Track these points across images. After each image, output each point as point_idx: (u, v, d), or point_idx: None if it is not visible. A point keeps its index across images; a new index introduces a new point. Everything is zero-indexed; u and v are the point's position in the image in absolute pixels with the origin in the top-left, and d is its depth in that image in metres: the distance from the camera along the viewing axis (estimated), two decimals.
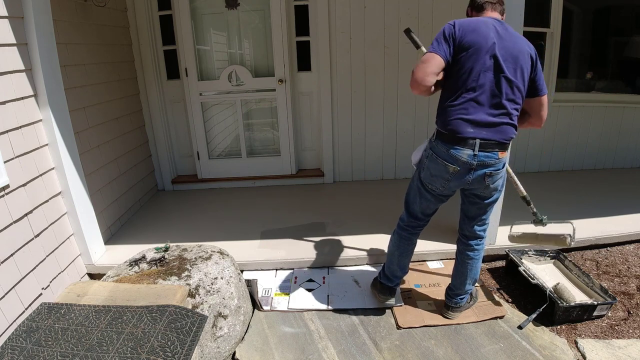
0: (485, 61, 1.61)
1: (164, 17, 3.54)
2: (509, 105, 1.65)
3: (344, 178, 3.98)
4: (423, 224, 2.02)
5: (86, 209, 2.48)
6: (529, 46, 1.68)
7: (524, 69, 1.65)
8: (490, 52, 1.61)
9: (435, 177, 1.77)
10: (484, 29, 1.63)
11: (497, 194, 1.83)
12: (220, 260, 2.13)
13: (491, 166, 1.68)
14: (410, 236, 2.04)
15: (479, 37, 1.61)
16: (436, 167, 1.74)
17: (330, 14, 3.46)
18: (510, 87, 1.64)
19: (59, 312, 1.76)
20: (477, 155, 1.64)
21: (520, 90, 1.67)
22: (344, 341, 2.00)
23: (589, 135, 3.94)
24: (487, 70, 1.62)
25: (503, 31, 1.66)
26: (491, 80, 1.62)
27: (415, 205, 1.94)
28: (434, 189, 1.82)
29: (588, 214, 2.95)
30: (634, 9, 4.00)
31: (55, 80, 2.24)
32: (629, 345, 1.91)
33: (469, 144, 1.64)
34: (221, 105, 3.89)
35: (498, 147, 1.66)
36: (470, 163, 1.66)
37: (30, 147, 2.10)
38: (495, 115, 1.65)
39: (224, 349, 1.90)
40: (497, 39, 1.62)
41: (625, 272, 2.47)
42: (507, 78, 1.62)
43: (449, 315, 2.10)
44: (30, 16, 2.03)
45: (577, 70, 4.11)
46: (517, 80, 1.64)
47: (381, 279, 2.18)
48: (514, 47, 1.64)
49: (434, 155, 1.74)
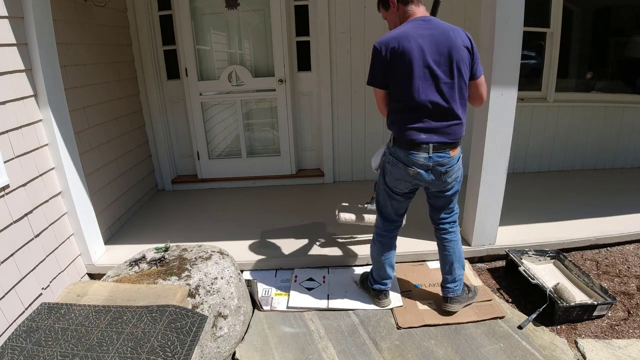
0: (420, 74, 1.69)
1: (164, 17, 3.54)
2: (454, 105, 1.75)
3: (344, 178, 3.98)
4: (399, 224, 2.12)
5: (86, 209, 2.48)
6: (461, 38, 1.71)
7: (461, 65, 1.70)
8: (423, 63, 1.68)
9: (398, 180, 1.90)
10: (412, 43, 1.67)
11: (457, 186, 1.96)
12: (220, 260, 2.13)
13: (445, 164, 1.82)
14: (390, 240, 2.13)
15: (408, 53, 1.67)
16: (398, 171, 1.87)
17: (330, 14, 3.46)
18: (451, 88, 1.72)
19: (59, 312, 1.76)
20: (432, 157, 1.79)
21: (461, 87, 1.75)
22: (344, 341, 2.00)
23: (589, 135, 3.94)
24: (425, 81, 1.70)
25: (430, 31, 1.70)
26: (431, 90, 1.71)
27: (388, 208, 2.04)
28: (400, 191, 1.95)
29: (588, 214, 2.95)
30: (634, 9, 4.00)
31: (55, 80, 2.24)
32: (629, 345, 1.91)
33: (423, 148, 1.78)
34: (221, 105, 3.89)
35: (449, 147, 1.80)
36: (427, 165, 1.80)
37: (30, 147, 2.10)
38: (443, 119, 1.76)
39: (224, 349, 1.90)
40: (426, 46, 1.68)
41: (625, 272, 2.47)
42: (445, 83, 1.71)
43: (448, 307, 2.10)
44: (30, 16, 2.03)
45: (577, 70, 4.11)
46: (456, 79, 1.71)
47: (373, 286, 2.21)
48: (446, 45, 1.68)
49: (394, 160, 1.87)
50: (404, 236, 2.69)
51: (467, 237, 2.64)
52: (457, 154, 1.85)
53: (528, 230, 2.77)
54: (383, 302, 2.21)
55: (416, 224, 2.62)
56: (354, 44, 3.54)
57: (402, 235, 2.68)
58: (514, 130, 2.34)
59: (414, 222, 2.55)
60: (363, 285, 2.35)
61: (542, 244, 2.61)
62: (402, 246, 2.61)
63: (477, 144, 2.43)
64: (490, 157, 2.36)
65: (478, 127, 2.40)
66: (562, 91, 3.90)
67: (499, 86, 2.22)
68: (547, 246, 2.59)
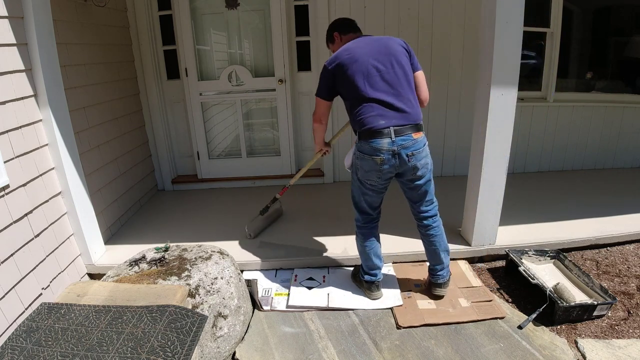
0: (366, 71, 1.92)
1: (164, 17, 3.54)
2: (401, 90, 1.94)
3: (344, 178, 3.97)
4: (376, 216, 2.22)
5: (86, 209, 2.48)
6: (395, 40, 2.01)
7: (400, 57, 1.95)
8: (366, 62, 1.92)
9: (369, 172, 2.00)
10: (353, 52, 1.95)
11: (428, 174, 2.04)
12: (220, 260, 2.13)
13: (410, 147, 1.93)
14: (371, 231, 2.22)
15: (351, 58, 1.94)
16: (367, 164, 1.98)
17: (330, 14, 3.45)
18: (396, 76, 1.94)
19: (59, 312, 1.76)
20: (395, 141, 1.90)
21: (406, 74, 1.96)
22: (344, 341, 2.00)
23: (589, 135, 3.94)
24: (371, 75, 1.92)
25: (367, 40, 2.01)
26: (378, 81, 1.92)
27: (362, 203, 2.16)
28: (372, 184, 2.05)
29: (588, 214, 2.95)
30: (634, 9, 4.00)
31: (55, 80, 2.24)
32: (629, 345, 1.91)
33: (385, 133, 1.90)
34: (221, 105, 3.89)
35: (410, 130, 1.92)
36: (391, 149, 1.91)
37: (30, 147, 2.10)
38: (396, 104, 1.92)
39: (224, 349, 1.90)
40: (366, 50, 1.95)
41: (625, 272, 2.47)
42: (388, 72, 1.93)
43: (439, 291, 2.23)
44: (30, 16, 2.03)
45: (577, 70, 4.11)
46: (397, 68, 1.94)
47: (364, 277, 2.27)
48: (383, 45, 1.97)
49: (362, 155, 1.99)
50: (403, 236, 2.70)
51: (467, 237, 2.64)
52: (421, 138, 1.97)
53: (528, 230, 2.76)
54: (375, 294, 2.26)
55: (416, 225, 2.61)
56: None
57: (402, 236, 2.70)
58: (514, 130, 2.34)
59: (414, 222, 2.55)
60: (355, 279, 2.40)
61: (542, 244, 2.61)
62: (402, 246, 2.62)
63: (477, 144, 2.43)
64: (490, 157, 2.36)
65: (478, 127, 2.40)
66: (562, 91, 3.90)
67: (499, 86, 2.22)
68: (547, 246, 2.59)
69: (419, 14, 3.44)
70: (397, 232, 2.75)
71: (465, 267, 2.52)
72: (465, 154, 2.51)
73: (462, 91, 3.67)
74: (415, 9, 3.43)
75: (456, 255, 2.57)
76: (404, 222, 2.66)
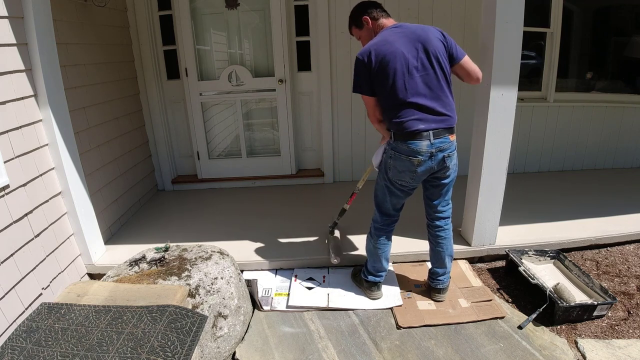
0: (404, 71, 1.83)
1: (164, 17, 3.54)
2: (440, 93, 1.88)
3: (344, 178, 3.98)
4: (396, 219, 2.19)
5: (86, 209, 2.48)
6: (432, 32, 1.89)
7: (438, 55, 1.86)
8: (404, 61, 1.83)
9: (403, 173, 1.97)
10: (390, 47, 1.84)
11: (454, 174, 2.04)
12: (221, 260, 2.13)
13: (447, 149, 1.93)
14: (387, 234, 2.20)
15: (389, 56, 1.83)
16: (402, 164, 1.95)
17: (330, 14, 3.46)
18: (435, 78, 1.86)
19: (59, 312, 1.76)
20: (434, 144, 1.88)
21: (445, 75, 1.89)
22: (344, 341, 2.00)
23: (589, 135, 3.94)
24: (410, 76, 1.84)
25: (403, 33, 1.88)
26: (417, 84, 1.85)
27: (387, 204, 2.11)
28: (403, 184, 2.01)
29: (588, 214, 2.95)
30: (634, 9, 4.00)
31: (55, 80, 2.24)
32: (629, 345, 1.91)
33: (424, 136, 1.87)
34: (221, 105, 3.89)
35: (447, 132, 1.91)
36: (430, 151, 1.89)
37: (30, 147, 2.10)
38: (434, 107, 1.87)
39: (224, 349, 1.90)
40: (403, 46, 1.84)
41: (625, 272, 2.47)
42: (428, 74, 1.85)
43: (439, 297, 2.22)
44: (30, 16, 2.03)
45: (577, 70, 4.11)
46: (437, 68, 1.86)
47: (368, 277, 2.26)
48: (420, 41, 1.85)
49: (397, 154, 1.95)
50: (404, 236, 2.70)
51: (467, 237, 2.64)
52: (455, 141, 1.96)
53: (528, 230, 2.76)
54: (375, 294, 2.26)
55: (416, 225, 2.61)
56: (354, 44, 3.54)
57: (402, 236, 2.70)
58: (514, 131, 2.34)
59: (414, 222, 2.55)
60: (355, 278, 2.40)
61: (542, 244, 2.61)
62: (402, 246, 2.62)
63: (477, 144, 2.43)
64: (490, 157, 2.36)
65: (478, 127, 2.40)
66: (562, 91, 3.90)
67: (499, 86, 2.22)
68: (547, 246, 2.59)
69: (419, 14, 3.44)
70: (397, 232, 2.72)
71: (465, 267, 2.52)
72: (465, 154, 2.51)
73: (462, 91, 3.67)
74: (415, 9, 3.43)
75: (456, 255, 2.57)
76: (404, 222, 2.64)
